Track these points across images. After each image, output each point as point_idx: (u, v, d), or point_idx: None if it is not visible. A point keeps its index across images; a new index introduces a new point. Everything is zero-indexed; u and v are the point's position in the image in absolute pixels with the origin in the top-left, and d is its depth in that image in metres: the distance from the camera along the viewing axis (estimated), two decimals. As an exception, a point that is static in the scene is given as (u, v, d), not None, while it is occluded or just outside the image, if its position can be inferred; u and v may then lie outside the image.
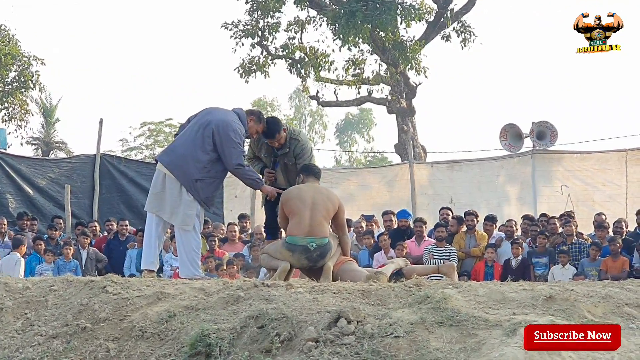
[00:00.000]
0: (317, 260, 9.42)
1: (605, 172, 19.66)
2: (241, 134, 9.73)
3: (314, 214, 9.48)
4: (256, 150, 10.24)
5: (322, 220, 9.51)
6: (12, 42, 29.25)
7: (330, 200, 9.68)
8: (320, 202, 9.56)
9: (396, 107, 28.52)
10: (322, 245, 9.43)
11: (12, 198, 18.99)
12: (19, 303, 7.86)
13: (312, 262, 9.42)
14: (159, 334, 7.16)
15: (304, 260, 9.40)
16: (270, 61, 29.32)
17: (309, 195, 9.61)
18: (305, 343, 6.49)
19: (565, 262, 14.48)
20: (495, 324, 6.37)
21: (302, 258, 9.40)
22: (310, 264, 9.43)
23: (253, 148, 10.32)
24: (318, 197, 9.60)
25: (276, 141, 10.06)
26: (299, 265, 9.48)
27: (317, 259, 9.42)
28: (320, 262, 9.43)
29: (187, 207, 9.79)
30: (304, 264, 9.43)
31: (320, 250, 9.41)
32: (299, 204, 9.54)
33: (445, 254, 15.03)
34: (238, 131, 9.71)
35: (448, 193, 20.74)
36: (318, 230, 9.44)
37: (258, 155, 10.27)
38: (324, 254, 9.43)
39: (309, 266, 9.45)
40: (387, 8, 26.69)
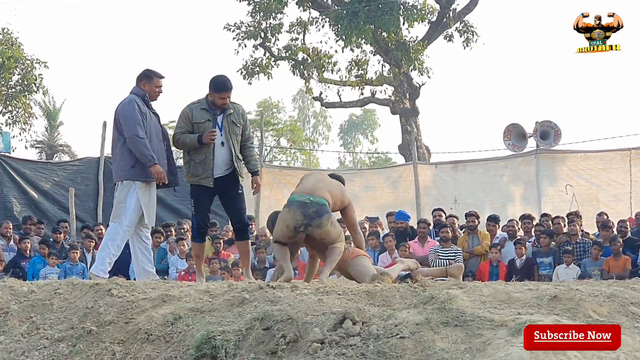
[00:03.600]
0: (313, 218, 9.16)
1: (609, 172, 19.65)
2: (132, 107, 9.76)
3: (317, 184, 9.49)
4: (192, 118, 9.88)
5: (324, 189, 9.47)
6: (15, 46, 29.29)
7: (337, 187, 9.70)
8: (326, 182, 9.62)
9: (400, 107, 28.50)
10: (319, 203, 9.27)
11: (17, 202, 19.01)
12: (25, 306, 7.86)
13: (307, 218, 9.15)
14: (165, 336, 7.17)
15: (299, 215, 9.17)
16: (273, 62, 29.31)
17: (318, 176, 9.81)
18: (310, 344, 6.50)
19: (569, 262, 14.47)
20: (500, 324, 6.37)
21: (297, 213, 9.19)
22: (305, 220, 9.15)
23: (189, 117, 9.90)
24: (325, 179, 9.71)
25: (229, 94, 9.94)
26: (293, 222, 9.21)
27: (312, 215, 9.16)
28: (315, 221, 9.15)
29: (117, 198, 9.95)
30: (298, 219, 9.16)
31: (317, 208, 9.21)
32: (304, 177, 9.77)
33: (451, 254, 15.03)
34: (127, 105, 9.81)
35: (452, 193, 20.73)
36: (318, 193, 9.36)
37: (196, 122, 9.88)
38: (320, 212, 9.19)
39: (304, 224, 9.15)
40: (390, 8, 26.68)
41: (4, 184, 19.24)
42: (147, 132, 9.84)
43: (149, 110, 10.00)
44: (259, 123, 33.89)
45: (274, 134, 46.66)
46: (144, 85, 10.01)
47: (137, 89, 10.02)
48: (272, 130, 46.22)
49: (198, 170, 9.83)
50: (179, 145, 9.93)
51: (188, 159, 9.92)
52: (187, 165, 9.93)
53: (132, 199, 9.86)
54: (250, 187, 10.37)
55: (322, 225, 9.19)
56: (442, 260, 14.95)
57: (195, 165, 9.83)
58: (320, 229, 9.18)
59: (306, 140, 59.28)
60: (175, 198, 20.48)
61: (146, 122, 9.85)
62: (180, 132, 9.86)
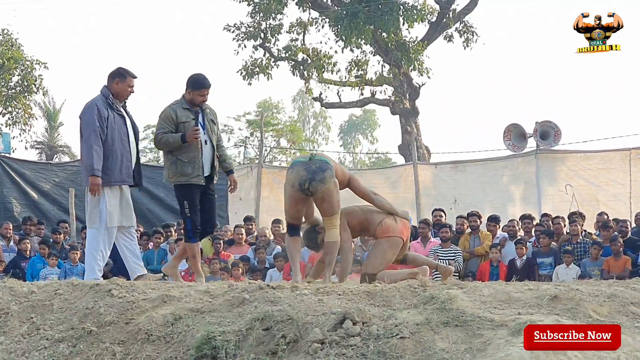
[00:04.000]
0: (316, 173, 9.27)
1: (609, 172, 19.63)
2: (91, 112, 9.75)
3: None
4: (176, 118, 9.87)
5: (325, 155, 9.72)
6: (15, 47, 29.27)
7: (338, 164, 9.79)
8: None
9: (399, 108, 28.49)
10: (322, 159, 9.44)
11: (17, 202, 19.01)
12: (25, 307, 7.86)
13: (310, 173, 9.26)
14: (165, 336, 7.17)
15: (302, 171, 9.31)
16: (273, 63, 29.30)
17: None
18: (311, 345, 6.50)
19: (569, 262, 14.46)
20: (500, 324, 6.37)
21: (300, 169, 9.34)
22: (308, 175, 9.26)
23: (172, 117, 9.87)
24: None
25: (209, 91, 10.01)
26: (298, 179, 9.32)
27: (316, 170, 9.28)
28: (319, 175, 9.26)
29: (91, 204, 9.90)
30: (302, 175, 9.29)
31: (320, 164, 9.34)
32: None
33: (450, 254, 15.03)
34: (86, 111, 9.83)
35: (452, 194, 20.72)
36: (319, 154, 9.62)
37: (181, 122, 9.85)
38: (323, 167, 9.30)
39: (307, 179, 9.26)
40: (389, 9, 26.67)
41: (4, 184, 19.24)
42: (109, 136, 9.79)
43: (113, 111, 9.90)
44: (258, 123, 33.89)
45: (273, 134, 46.63)
46: (116, 84, 9.97)
47: (105, 89, 9.98)
48: (272, 131, 46.18)
49: (187, 169, 9.81)
50: (161, 146, 9.88)
51: (174, 159, 9.86)
52: (173, 165, 9.86)
53: (103, 202, 9.82)
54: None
55: (326, 181, 9.29)
56: (442, 261, 14.96)
57: (183, 165, 9.80)
58: (324, 185, 9.27)
59: (306, 141, 59.27)
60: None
61: (108, 126, 9.79)
62: (163, 132, 9.82)
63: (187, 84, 9.96)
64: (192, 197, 9.92)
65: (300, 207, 9.52)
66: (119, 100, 10.02)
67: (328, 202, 9.34)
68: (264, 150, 29.70)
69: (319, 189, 9.26)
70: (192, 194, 9.91)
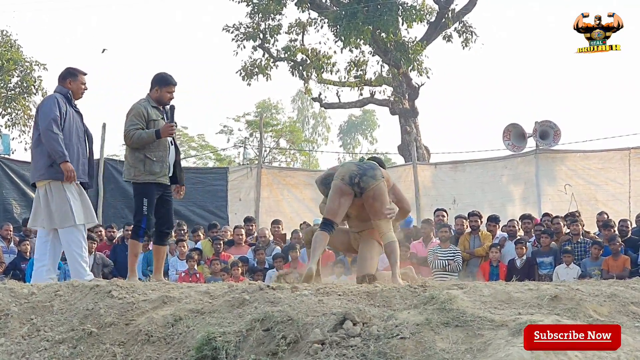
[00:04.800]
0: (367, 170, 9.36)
1: (609, 171, 19.64)
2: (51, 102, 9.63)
3: None
4: (147, 116, 9.80)
5: None
6: (14, 48, 29.24)
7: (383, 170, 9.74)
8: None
9: (399, 108, 28.48)
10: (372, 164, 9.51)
11: (17, 204, 19.01)
12: (25, 308, 7.86)
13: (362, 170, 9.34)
14: (165, 337, 7.17)
15: (354, 167, 9.39)
16: (272, 63, 29.29)
17: None
18: (311, 345, 6.51)
19: (569, 262, 14.46)
20: (500, 324, 6.38)
21: (352, 165, 9.45)
22: (360, 170, 9.33)
23: (144, 115, 9.79)
24: None
25: (175, 89, 9.99)
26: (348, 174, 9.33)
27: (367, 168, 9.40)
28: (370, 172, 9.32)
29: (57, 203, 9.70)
30: (353, 170, 9.35)
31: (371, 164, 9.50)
32: None
33: (449, 254, 15.03)
34: (46, 101, 9.74)
35: (451, 194, 20.72)
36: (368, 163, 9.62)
37: (152, 120, 9.80)
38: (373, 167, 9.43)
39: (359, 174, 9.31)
40: (388, 9, 26.66)
41: (3, 185, 19.25)
42: (67, 130, 9.66)
43: (72, 108, 9.82)
44: (258, 124, 33.88)
45: (273, 135, 46.64)
46: (69, 84, 9.87)
47: (60, 87, 9.89)
48: (271, 131, 46.19)
49: (155, 168, 9.74)
50: (134, 142, 9.70)
51: (142, 157, 9.74)
52: (141, 163, 9.74)
53: (70, 199, 9.65)
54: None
55: (377, 177, 9.28)
56: (441, 261, 14.96)
57: (152, 163, 9.72)
58: (375, 181, 9.25)
59: (305, 141, 59.30)
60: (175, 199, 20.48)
61: (66, 120, 9.68)
62: (135, 128, 9.70)
63: (154, 82, 9.94)
64: (152, 197, 9.81)
65: (343, 202, 9.36)
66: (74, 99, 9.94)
67: (380, 201, 9.28)
68: (263, 151, 29.71)
69: (370, 185, 9.24)
70: (153, 194, 9.81)
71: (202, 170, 26.70)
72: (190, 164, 42.29)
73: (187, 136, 46.96)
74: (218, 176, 21.32)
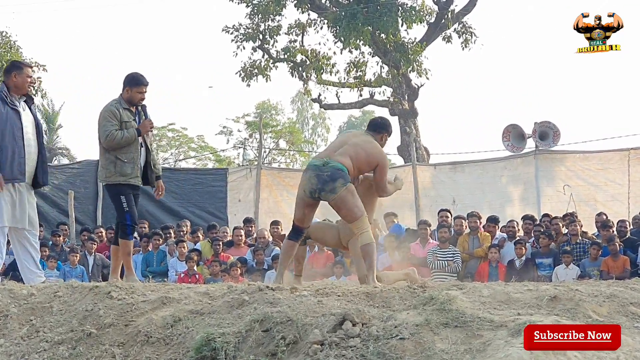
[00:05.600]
0: (326, 183, 8.89)
1: (608, 172, 19.65)
2: None
3: (340, 147, 9.22)
4: (120, 117, 9.68)
5: (345, 154, 9.12)
6: (13, 49, 29.23)
7: (368, 148, 9.26)
8: (354, 143, 9.25)
9: (398, 109, 28.50)
10: (335, 167, 8.96)
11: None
12: (24, 309, 7.87)
13: (321, 183, 8.90)
14: (165, 338, 7.17)
15: (313, 179, 8.95)
16: (272, 64, 29.31)
17: (349, 136, 9.52)
18: (310, 346, 6.51)
19: (568, 262, 14.47)
20: (500, 325, 6.38)
21: (312, 177, 8.97)
22: (319, 184, 8.91)
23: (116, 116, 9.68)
24: (354, 140, 9.32)
25: (146, 89, 9.89)
26: (309, 187, 9.00)
27: (326, 179, 8.89)
28: (328, 186, 8.88)
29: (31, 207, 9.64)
30: (313, 183, 8.95)
31: (332, 171, 8.92)
32: (335, 140, 9.62)
33: (448, 255, 15.04)
34: None
35: (451, 194, 20.72)
36: (336, 157, 9.06)
37: (124, 121, 9.69)
38: (334, 176, 8.89)
39: (317, 188, 8.94)
40: (388, 10, 26.67)
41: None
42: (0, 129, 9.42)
43: (7, 106, 9.52)
44: (257, 125, 33.90)
45: (272, 135, 46.67)
46: (14, 77, 9.64)
47: (1, 84, 9.73)
48: (270, 132, 46.21)
49: (127, 169, 9.67)
50: (114, 143, 9.63)
51: (113, 159, 9.68)
52: (112, 165, 9.68)
53: None
54: None
55: (336, 191, 8.92)
56: (441, 262, 14.97)
57: (123, 165, 9.65)
58: (334, 194, 8.93)
59: (305, 142, 59.27)
60: (175, 200, 20.53)
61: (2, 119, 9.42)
62: (115, 129, 9.63)
63: (125, 82, 9.85)
64: (127, 194, 9.77)
65: (307, 212, 9.25)
66: (18, 94, 9.67)
67: (345, 209, 9.04)
68: (263, 152, 29.72)
69: (329, 199, 9.00)
70: (129, 193, 9.78)
71: (202, 171, 26.73)
72: (190, 165, 42.34)
73: (187, 137, 46.96)
74: (217, 177, 21.34)
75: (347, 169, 9.05)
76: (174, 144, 48.53)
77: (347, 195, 8.97)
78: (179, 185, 20.74)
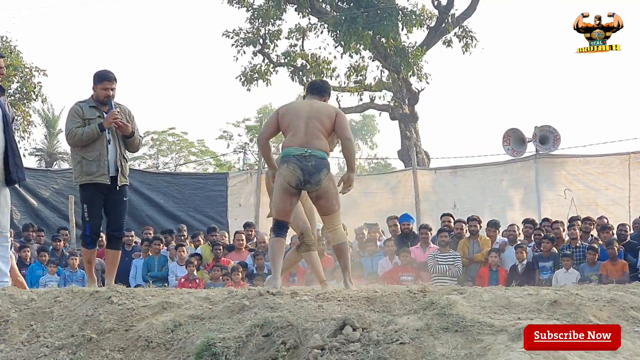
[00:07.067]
0: (312, 174, 8.85)
1: (608, 176, 19.66)
2: None
3: (309, 128, 9.00)
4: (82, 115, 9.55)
5: (318, 133, 9.00)
6: (13, 54, 29.26)
7: (326, 112, 9.18)
8: (316, 116, 9.08)
9: (399, 113, 28.52)
10: (317, 156, 8.89)
11: (17, 210, 19.01)
12: (25, 314, 7.86)
13: (307, 174, 8.84)
14: (165, 343, 7.17)
15: (298, 171, 8.85)
16: (272, 69, 29.34)
17: (305, 109, 9.19)
18: (311, 351, 6.50)
19: (569, 266, 14.46)
20: (500, 329, 6.37)
21: (296, 168, 8.85)
22: (305, 176, 8.84)
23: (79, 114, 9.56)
24: (314, 111, 9.14)
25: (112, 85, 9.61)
26: (294, 179, 8.88)
27: (312, 170, 8.84)
28: (315, 178, 8.85)
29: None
30: (298, 175, 8.85)
31: (316, 161, 8.85)
32: (294, 119, 9.11)
33: (449, 259, 15.04)
34: None
35: (451, 199, 20.73)
36: (314, 143, 8.93)
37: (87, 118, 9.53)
38: (319, 167, 8.86)
39: (303, 180, 8.86)
40: (388, 14, 26.70)
41: (4, 192, 19.23)
42: None
43: None
44: (258, 129, 33.89)
45: (273, 140, 46.69)
46: None
47: None
48: (271, 137, 46.22)
49: (92, 168, 9.48)
50: (76, 140, 9.51)
51: (79, 158, 9.55)
52: (79, 165, 9.55)
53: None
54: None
55: (321, 181, 8.91)
56: (441, 266, 14.97)
57: (88, 164, 9.49)
58: (318, 187, 8.93)
59: (305, 146, 59.18)
60: (175, 205, 20.53)
61: None
62: (76, 126, 9.52)
63: (92, 80, 9.71)
64: (92, 200, 9.59)
65: (293, 202, 9.11)
66: None
67: (325, 199, 9.03)
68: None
69: (313, 191, 8.97)
70: (93, 196, 9.59)
71: (202, 175, 26.74)
72: (190, 169, 42.36)
73: (187, 142, 47.01)
74: (218, 182, 21.35)
75: (326, 152, 9.04)
76: (174, 149, 48.62)
77: (329, 184, 9.00)
78: (179, 190, 20.76)
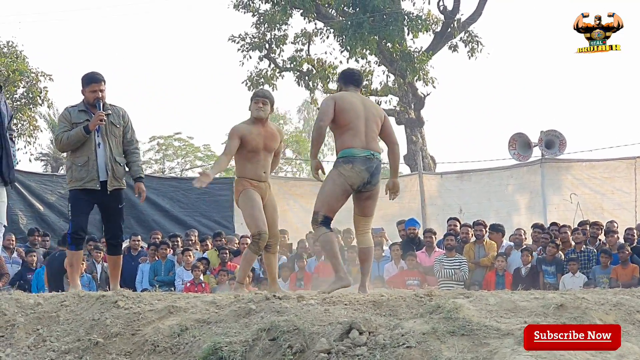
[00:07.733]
0: (374, 176, 8.88)
1: (614, 180, 19.64)
2: None
3: (368, 129, 8.99)
4: (71, 119, 9.53)
5: (375, 136, 9.03)
6: (19, 59, 29.33)
7: (378, 114, 9.20)
8: (372, 117, 9.09)
9: (405, 118, 28.51)
10: (379, 159, 8.97)
11: (23, 214, 19.02)
12: (31, 319, 7.87)
13: (371, 176, 8.85)
14: (171, 347, 7.17)
15: (364, 173, 8.80)
16: (278, 74, 29.36)
17: (360, 108, 9.07)
18: (317, 355, 6.50)
19: (575, 270, 14.45)
20: (507, 333, 6.37)
21: (363, 171, 8.79)
22: (369, 178, 8.83)
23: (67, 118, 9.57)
24: (368, 111, 9.11)
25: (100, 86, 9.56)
26: (359, 180, 8.79)
27: (374, 172, 8.88)
28: (375, 179, 8.88)
29: None
30: (364, 177, 8.80)
31: (377, 164, 8.92)
32: (354, 117, 8.97)
33: (455, 263, 15.03)
34: None
35: (457, 203, 20.71)
36: (373, 145, 8.95)
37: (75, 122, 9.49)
38: (379, 169, 8.96)
39: (366, 182, 8.82)
40: (394, 19, 26.71)
41: (9, 196, 19.25)
42: None
43: None
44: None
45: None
46: None
47: None
48: (277, 142, 46.23)
49: (81, 173, 9.44)
50: (63, 145, 9.52)
51: (69, 164, 9.55)
52: (69, 170, 9.54)
53: None
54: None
55: (377, 183, 9.00)
56: (447, 270, 14.96)
57: (77, 169, 9.45)
58: (374, 188, 8.99)
59: (312, 152, 59.20)
60: (181, 210, 20.53)
61: None
62: (63, 131, 9.51)
63: (81, 84, 9.71)
64: (78, 201, 9.49)
65: (344, 201, 9.02)
66: None
67: (373, 201, 9.08)
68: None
69: (368, 190, 8.95)
70: (79, 198, 9.49)
71: (208, 180, 26.68)
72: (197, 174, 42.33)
73: (193, 146, 47.02)
74: (224, 186, 21.32)
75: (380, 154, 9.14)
76: (180, 154, 48.63)
77: (379, 187, 9.06)
78: (185, 195, 20.76)
